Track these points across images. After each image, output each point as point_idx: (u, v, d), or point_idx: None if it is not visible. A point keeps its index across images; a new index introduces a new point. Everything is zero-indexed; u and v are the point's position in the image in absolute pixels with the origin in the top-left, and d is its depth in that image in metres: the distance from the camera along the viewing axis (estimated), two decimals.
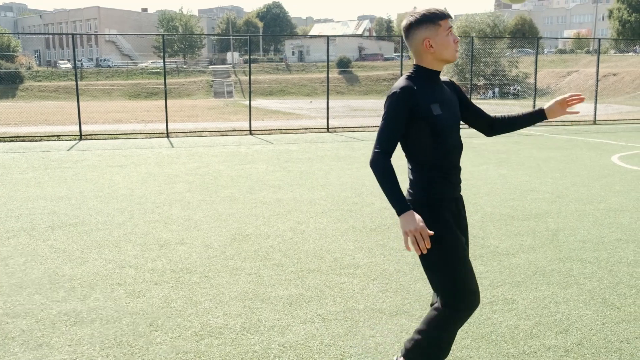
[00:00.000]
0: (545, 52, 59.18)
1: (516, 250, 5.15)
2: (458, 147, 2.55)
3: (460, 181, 2.60)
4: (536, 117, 2.74)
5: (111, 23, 75.33)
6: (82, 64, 57.08)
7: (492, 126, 2.76)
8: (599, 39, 20.16)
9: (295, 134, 17.12)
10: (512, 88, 46.49)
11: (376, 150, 2.41)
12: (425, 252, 2.33)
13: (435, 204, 2.49)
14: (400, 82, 2.46)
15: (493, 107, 33.56)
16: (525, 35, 57.98)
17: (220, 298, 4.07)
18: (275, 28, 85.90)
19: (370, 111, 29.83)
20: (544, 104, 2.66)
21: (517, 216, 6.42)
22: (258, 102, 41.06)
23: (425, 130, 2.44)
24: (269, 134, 17.30)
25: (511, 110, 27.72)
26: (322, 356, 3.20)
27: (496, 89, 47.30)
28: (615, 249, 5.16)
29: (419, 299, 4.02)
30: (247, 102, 42.45)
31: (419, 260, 4.79)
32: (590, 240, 5.45)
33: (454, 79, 48.88)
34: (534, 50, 57.81)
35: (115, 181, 8.95)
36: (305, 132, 17.61)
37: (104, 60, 59.89)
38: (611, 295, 4.07)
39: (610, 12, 59.35)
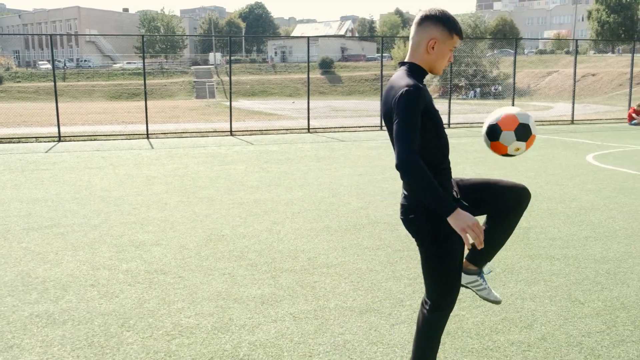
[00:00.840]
0: (525, 53, 59.76)
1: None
2: (449, 149, 2.60)
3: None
4: None
5: (92, 23, 74.65)
6: (64, 64, 56.51)
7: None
8: (576, 40, 20.42)
9: (275, 135, 17.15)
10: (492, 88, 46.90)
11: (406, 152, 2.28)
12: (483, 246, 2.33)
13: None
14: (407, 79, 2.39)
15: (474, 107, 33.86)
16: (506, 35, 58.51)
17: (193, 298, 4.10)
18: (257, 28, 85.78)
19: (352, 111, 29.94)
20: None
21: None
22: (240, 103, 40.98)
23: (432, 128, 2.43)
24: (250, 134, 17.32)
25: (490, 110, 27.98)
26: (291, 354, 3.25)
27: (477, 90, 47.72)
28: (583, 247, 5.28)
29: (390, 296, 4.09)
30: (228, 103, 42.33)
31: (391, 259, 4.88)
32: (560, 238, 5.56)
33: (436, 80, 49.34)
34: (513, 51, 58.42)
35: (92, 183, 8.93)
36: (286, 133, 17.65)
37: (85, 61, 59.40)
38: (576, 291, 4.17)
39: (590, 13, 60.11)
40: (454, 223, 2.28)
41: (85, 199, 7.69)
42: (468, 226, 2.26)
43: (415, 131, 2.31)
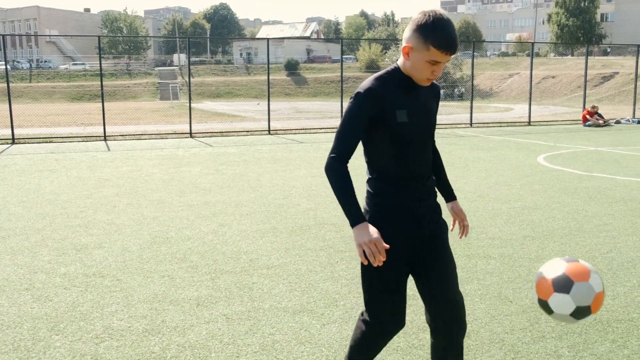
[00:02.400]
0: (488, 55, 60.80)
1: None
2: (425, 158, 2.34)
3: (428, 189, 2.39)
4: (445, 194, 2.66)
5: (52, 23, 73.15)
6: (32, 65, 55.23)
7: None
8: (532, 43, 20.88)
9: (236, 137, 17.12)
10: (455, 90, 47.58)
11: (332, 155, 2.21)
12: (381, 264, 2.14)
13: (384, 219, 2.29)
14: (367, 82, 2.25)
15: (442, 108, 34.25)
16: (469, 38, 59.40)
17: (129, 301, 4.09)
18: (222, 30, 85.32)
19: (315, 113, 30.04)
20: (451, 204, 2.65)
21: None
22: (204, 104, 40.74)
23: (386, 137, 2.25)
24: (210, 136, 17.24)
25: (453, 112, 28.37)
26: (219, 355, 3.27)
27: (442, 91, 48.37)
28: (521, 246, 5.42)
29: (325, 297, 4.15)
30: (194, 105, 41.97)
31: (332, 260, 4.94)
32: (500, 238, 5.70)
33: None
34: (477, 53, 59.33)
35: (42, 186, 8.79)
36: (247, 135, 17.63)
37: (45, 61, 58.24)
38: (507, 289, 4.29)
39: (550, 16, 61.45)
40: (354, 236, 2.15)
41: (32, 202, 7.56)
42: (364, 242, 2.10)
43: (349, 136, 2.21)
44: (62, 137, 16.45)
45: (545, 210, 6.90)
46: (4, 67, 56.97)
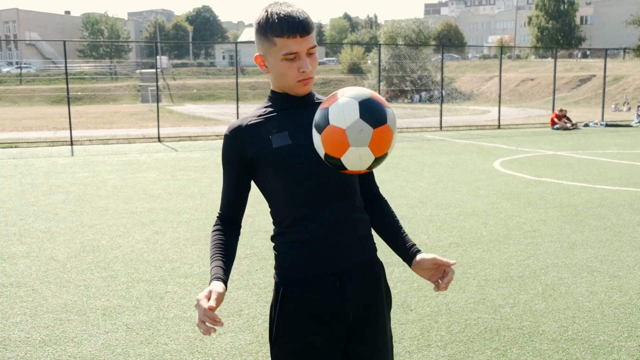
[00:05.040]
0: (469, 57, 61.25)
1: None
2: (329, 186, 1.78)
3: (355, 240, 1.84)
4: (404, 254, 1.96)
5: (32, 26, 72.70)
6: (21, 69, 54.82)
7: (367, 203, 1.97)
8: (502, 47, 21.13)
9: (205, 141, 17.15)
10: (437, 92, 47.88)
11: (217, 214, 1.91)
12: (208, 334, 1.63)
13: (284, 288, 1.81)
14: (237, 119, 1.92)
15: (417, 111, 34.48)
16: (450, 40, 59.82)
17: (36, 311, 4.14)
18: (205, 32, 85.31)
19: None
20: (419, 257, 1.91)
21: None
22: (185, 107, 40.70)
23: (269, 172, 1.79)
24: (179, 140, 17.26)
25: (428, 115, 28.51)
26: None
27: (423, 94, 48.63)
28: (443, 253, 5.53)
29: (231, 306, 4.22)
30: (174, 108, 41.86)
31: (251, 268, 5.00)
32: (426, 245, 5.80)
33: (382, 84, 50.07)
34: (459, 56, 59.86)
35: None
36: (216, 139, 17.66)
37: (25, 64, 57.89)
38: (413, 297, 4.39)
39: (530, 19, 62.03)
40: None
41: None
42: (196, 304, 1.64)
43: (226, 189, 1.87)
44: (29, 142, 16.40)
45: (480, 216, 7.02)
46: None
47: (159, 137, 17.23)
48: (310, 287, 1.78)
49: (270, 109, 1.84)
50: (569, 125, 19.91)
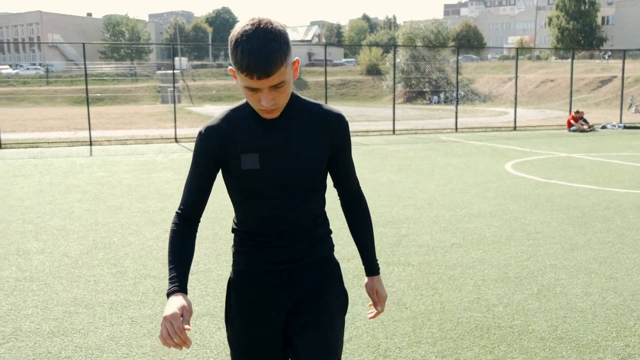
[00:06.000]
0: (489, 58, 60.93)
1: (352, 255, 5.54)
2: (287, 213, 1.82)
3: (306, 247, 1.89)
4: (365, 266, 2.10)
5: (54, 28, 74.15)
6: (47, 69, 55.90)
7: (342, 201, 2.07)
8: (517, 48, 21.06)
9: None
10: (454, 93, 47.74)
11: (177, 210, 1.88)
12: (170, 347, 1.69)
13: (236, 281, 1.92)
14: (213, 119, 1.86)
15: (433, 112, 34.45)
16: (470, 41, 59.55)
17: (47, 304, 4.34)
18: (224, 33, 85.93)
19: None
20: (366, 280, 2.11)
21: (377, 223, 6.85)
22: (204, 108, 41.17)
23: (234, 185, 1.85)
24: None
25: (444, 116, 28.48)
26: (109, 355, 3.51)
27: (441, 95, 48.54)
28: (444, 253, 5.63)
29: None
30: (193, 108, 42.28)
31: None
32: (427, 245, 5.91)
33: (400, 85, 50.13)
34: (477, 57, 59.57)
35: (11, 191, 9.07)
36: None
37: (47, 65, 58.98)
38: (409, 296, 4.51)
39: (550, 19, 61.50)
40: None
41: None
42: (164, 317, 1.63)
43: (191, 187, 1.85)
44: (49, 142, 16.78)
45: (485, 218, 7.10)
46: (5, 70, 57.60)
47: (175, 138, 17.51)
48: (253, 278, 1.88)
49: (241, 119, 1.81)
50: (585, 127, 19.79)
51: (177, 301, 1.67)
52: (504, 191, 8.81)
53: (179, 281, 1.75)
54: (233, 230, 1.94)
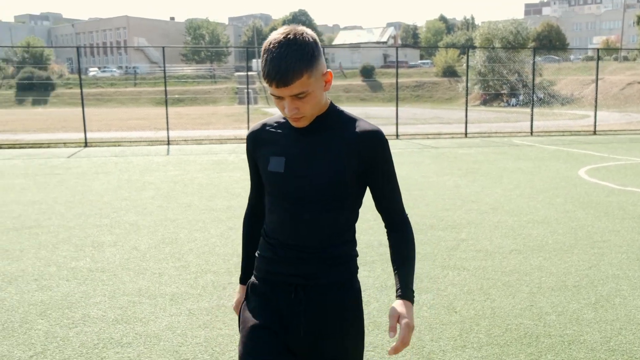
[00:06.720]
0: (571, 59, 58.57)
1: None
2: (303, 222, 1.83)
3: (325, 265, 1.84)
4: (396, 286, 1.87)
5: (139, 31, 77.84)
6: (135, 70, 58.80)
7: (387, 227, 1.96)
8: (598, 49, 20.21)
9: None
10: (535, 96, 46.21)
11: None
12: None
13: (254, 281, 1.94)
14: (257, 122, 1.99)
15: (510, 115, 33.54)
16: (551, 42, 57.51)
17: (114, 294, 4.65)
18: None
19: (383, 119, 30.22)
20: (393, 305, 1.78)
21: (437, 226, 6.84)
22: (276, 110, 41.76)
23: (265, 187, 1.92)
24: None
25: (520, 119, 27.72)
26: (165, 344, 3.74)
27: (519, 97, 47.13)
28: (502, 259, 5.56)
29: None
30: (269, 109, 43.08)
31: None
32: (486, 250, 5.85)
33: (476, 87, 49.12)
34: (559, 58, 57.40)
35: (91, 188, 9.66)
36: None
37: (133, 67, 61.90)
38: (459, 300, 4.50)
39: (639, 18, 58.38)
40: None
41: (76, 202, 8.39)
42: (234, 306, 2.11)
43: (250, 182, 2.05)
44: (131, 141, 17.65)
45: (550, 224, 6.92)
46: (94, 72, 60.76)
47: None
48: (270, 286, 1.88)
49: (279, 126, 1.90)
50: None
51: (237, 293, 2.10)
52: (573, 197, 8.53)
53: (241, 273, 2.10)
54: (261, 233, 1.98)
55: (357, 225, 1.96)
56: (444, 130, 21.53)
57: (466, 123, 19.60)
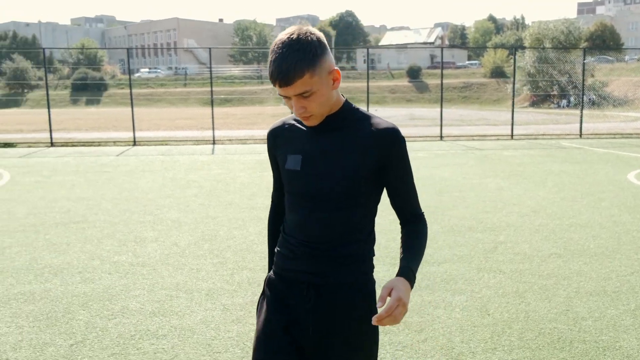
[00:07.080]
0: (626, 60, 56.68)
1: (444, 259, 5.56)
2: (317, 219, 1.84)
3: (325, 259, 1.85)
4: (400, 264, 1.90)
5: (189, 33, 79.53)
6: (185, 70, 60.08)
7: (402, 222, 1.96)
8: None
9: None
10: (586, 97, 44.92)
11: None
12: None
13: (271, 276, 1.98)
14: (277, 120, 2.03)
15: (559, 117, 32.75)
16: (605, 42, 55.82)
17: (153, 287, 4.80)
18: (347, 36, 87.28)
19: (428, 120, 30.00)
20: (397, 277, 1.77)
21: (476, 228, 6.77)
22: None
23: (284, 184, 1.95)
24: None
25: (570, 121, 27.06)
26: (199, 337, 3.84)
27: (571, 98, 45.92)
28: (540, 263, 5.47)
29: None
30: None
31: None
32: (524, 254, 5.76)
33: (525, 89, 48.09)
34: (612, 58, 55.62)
35: (137, 185, 9.95)
36: None
37: (182, 68, 63.24)
38: (493, 303, 4.46)
39: None
40: None
41: (122, 199, 8.66)
42: None
43: (273, 177, 2.09)
44: (177, 141, 18.05)
45: (592, 228, 6.76)
46: (145, 74, 62.24)
47: None
48: (285, 283, 1.91)
49: (298, 123, 1.93)
50: None
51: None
52: (620, 201, 8.30)
53: (268, 265, 2.09)
54: (280, 230, 2.01)
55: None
56: (490, 131, 21.20)
57: (512, 124, 19.25)
